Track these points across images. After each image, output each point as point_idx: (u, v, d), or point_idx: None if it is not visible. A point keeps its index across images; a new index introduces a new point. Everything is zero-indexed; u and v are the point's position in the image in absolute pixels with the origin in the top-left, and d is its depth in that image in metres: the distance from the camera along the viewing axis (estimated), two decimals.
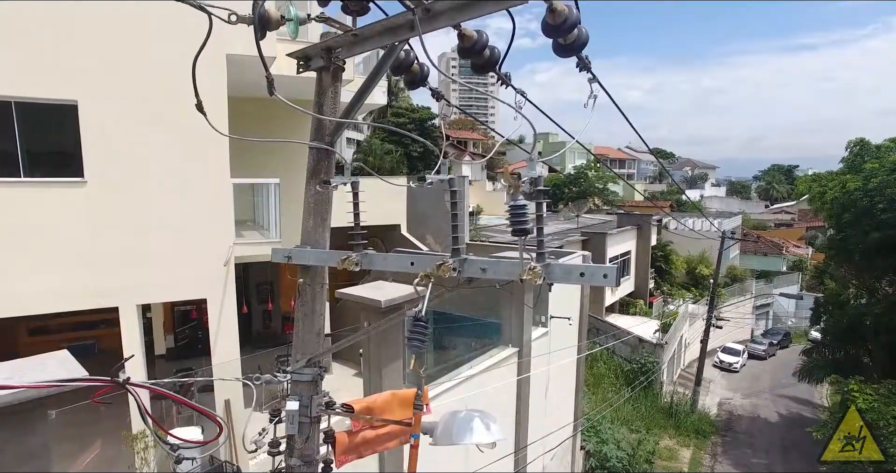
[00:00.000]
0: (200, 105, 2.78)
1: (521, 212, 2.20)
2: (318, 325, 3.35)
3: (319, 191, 3.22)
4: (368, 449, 3.90)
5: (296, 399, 3.26)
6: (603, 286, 2.50)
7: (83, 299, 7.74)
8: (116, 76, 7.62)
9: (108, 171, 7.69)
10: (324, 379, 3.43)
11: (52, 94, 7.29)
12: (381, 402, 3.93)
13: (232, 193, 8.52)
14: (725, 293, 34.80)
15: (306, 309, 3.31)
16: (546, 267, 2.28)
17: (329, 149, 3.05)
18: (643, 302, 32.34)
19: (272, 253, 3.29)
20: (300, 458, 3.31)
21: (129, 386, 3.08)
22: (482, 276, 2.54)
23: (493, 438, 2.46)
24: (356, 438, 3.78)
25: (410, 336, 2.47)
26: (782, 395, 27.30)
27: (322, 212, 3.29)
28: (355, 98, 3.13)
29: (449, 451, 6.87)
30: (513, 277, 2.40)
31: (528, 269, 2.25)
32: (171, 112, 8.08)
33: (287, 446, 3.32)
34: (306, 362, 3.27)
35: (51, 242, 7.47)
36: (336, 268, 3.00)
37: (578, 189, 50.85)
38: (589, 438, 14.32)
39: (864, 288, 19.05)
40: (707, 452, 20.49)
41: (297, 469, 3.34)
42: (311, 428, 3.32)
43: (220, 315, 8.55)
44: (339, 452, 3.66)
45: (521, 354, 9.04)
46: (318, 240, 3.25)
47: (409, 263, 2.73)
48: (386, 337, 5.99)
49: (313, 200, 3.26)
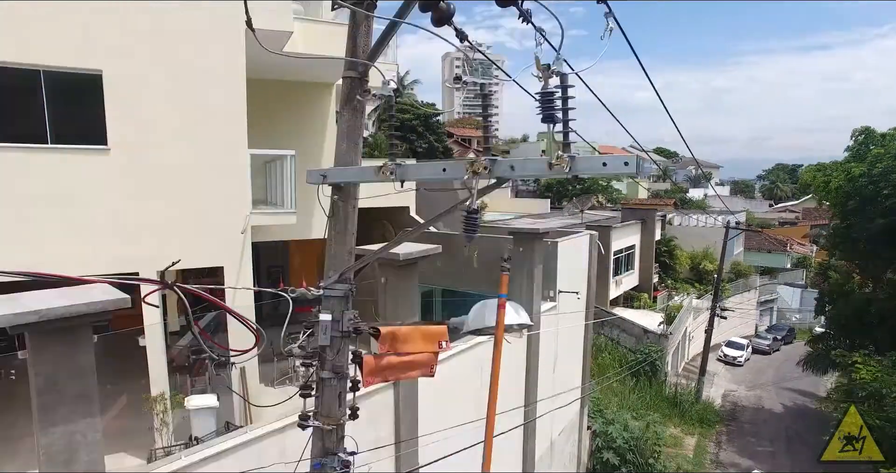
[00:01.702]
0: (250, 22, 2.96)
1: (550, 98, 2.39)
2: (350, 244, 3.55)
3: (353, 117, 3.43)
4: (392, 375, 4.08)
5: (328, 312, 3.46)
6: (625, 174, 2.65)
7: (105, 265, 7.96)
8: (140, 47, 7.85)
9: (130, 140, 7.92)
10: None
11: (77, 64, 7.52)
12: (405, 332, 4.11)
13: (249, 164, 8.73)
14: (730, 288, 34.87)
15: (339, 228, 3.50)
16: (572, 159, 2.47)
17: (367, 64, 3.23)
18: (647, 295, 32.43)
19: (307, 175, 3.48)
20: (332, 370, 3.50)
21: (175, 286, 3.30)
22: (510, 175, 2.73)
23: (521, 320, 2.65)
24: (382, 362, 3.96)
25: (466, 227, 2.71)
26: (787, 388, 27.35)
27: (354, 137, 3.50)
28: (398, 13, 3.28)
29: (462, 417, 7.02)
30: (541, 172, 2.59)
31: (557, 157, 2.43)
32: (191, 84, 8.33)
33: (319, 358, 3.51)
34: (338, 277, 3.46)
35: (75, 209, 7.70)
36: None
37: (582, 186, 51.02)
38: (595, 418, 14.46)
39: (868, 276, 19.13)
40: (712, 440, 20.59)
41: (329, 381, 3.54)
42: (342, 342, 3.51)
43: (237, 283, 8.76)
44: (367, 373, 3.85)
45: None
46: (350, 162, 3.45)
47: (441, 170, 2.92)
48: (402, 292, 6.18)
49: (346, 126, 3.47)
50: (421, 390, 6.68)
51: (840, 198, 18.13)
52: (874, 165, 16.02)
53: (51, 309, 3.38)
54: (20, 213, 7.37)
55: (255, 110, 10.37)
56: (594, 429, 14.11)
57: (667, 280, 35.96)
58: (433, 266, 11.86)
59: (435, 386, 6.78)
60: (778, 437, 21.41)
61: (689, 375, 27.15)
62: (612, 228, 29.55)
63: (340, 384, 3.57)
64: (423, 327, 4.24)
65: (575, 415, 12.80)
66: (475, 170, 2.66)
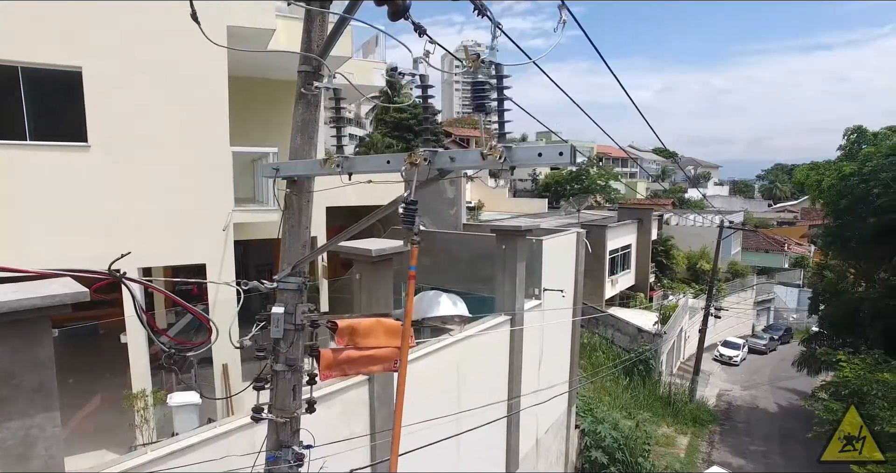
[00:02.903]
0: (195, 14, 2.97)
1: (480, 88, 2.39)
2: (304, 237, 3.55)
3: (306, 110, 3.44)
4: (352, 369, 4.08)
5: (281, 305, 3.46)
6: (560, 165, 2.63)
7: (82, 262, 7.95)
8: (120, 44, 7.85)
9: (110, 137, 7.92)
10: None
11: (57, 60, 7.53)
12: (366, 325, 4.10)
13: (231, 161, 8.74)
14: (726, 287, 34.84)
15: (293, 221, 3.51)
16: (507, 148, 2.47)
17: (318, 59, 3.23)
18: (643, 295, 32.41)
19: (261, 170, 3.50)
20: (285, 363, 3.50)
21: (125, 279, 3.29)
22: (451, 167, 2.74)
23: (459, 311, 2.65)
24: (340, 355, 3.96)
25: (404, 217, 2.72)
26: (782, 387, 27.33)
27: (309, 131, 3.50)
28: (346, 9, 3.29)
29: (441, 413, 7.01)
30: (477, 163, 2.60)
31: (489, 147, 2.44)
32: (173, 81, 8.34)
33: (273, 351, 3.51)
34: (291, 270, 3.47)
35: (55, 206, 7.70)
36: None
37: (580, 186, 50.99)
38: (584, 417, 14.45)
39: (861, 275, 19.11)
40: (704, 439, 20.58)
41: (283, 374, 3.54)
42: (295, 335, 3.51)
43: (219, 280, 8.76)
44: (323, 366, 3.86)
45: (514, 321, 9.21)
46: (305, 157, 3.46)
47: (385, 162, 2.94)
48: (378, 285, 6.19)
49: (301, 120, 3.47)
50: (396, 385, 6.68)
51: (832, 197, 18.12)
52: (865, 164, 16.00)
53: (4, 303, 3.38)
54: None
55: (241, 108, 10.40)
56: (582, 428, 14.09)
57: (663, 279, 35.95)
58: (420, 265, 11.86)
59: (411, 381, 6.79)
60: (771, 436, 21.39)
61: (685, 374, 27.12)
62: (607, 228, 29.55)
63: (294, 377, 3.58)
64: (387, 321, 4.24)
65: (562, 414, 12.79)
66: (412, 161, 2.67)
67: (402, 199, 2.73)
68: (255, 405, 3.54)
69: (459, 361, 7.92)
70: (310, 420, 3.75)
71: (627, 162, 77.68)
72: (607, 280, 29.23)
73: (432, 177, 2.85)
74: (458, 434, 6.32)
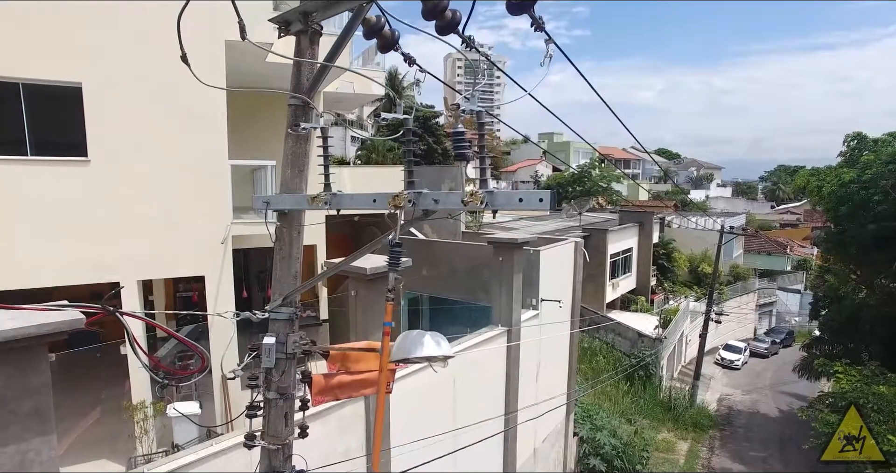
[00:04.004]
0: (185, 57, 3.03)
1: (461, 137, 2.45)
2: (295, 268, 3.62)
3: (297, 144, 3.50)
4: (344, 393, 4.15)
5: (273, 335, 3.53)
6: (540, 210, 2.69)
7: (86, 274, 8.06)
8: (120, 59, 7.94)
9: (110, 152, 8.02)
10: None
11: (57, 76, 7.62)
12: (357, 352, 4.18)
13: (230, 175, 8.83)
14: (728, 291, 34.78)
15: (284, 253, 3.57)
16: (489, 194, 2.53)
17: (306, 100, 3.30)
18: (645, 298, 32.38)
19: (253, 201, 3.56)
20: (277, 391, 3.57)
21: (118, 313, 3.36)
22: (435, 208, 2.79)
23: (443, 352, 2.70)
24: (332, 381, 4.03)
25: (390, 259, 2.77)
26: (783, 392, 27.28)
27: (300, 164, 3.56)
28: (328, 55, 3.39)
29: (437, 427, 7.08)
30: (458, 206, 2.66)
31: (470, 194, 2.49)
32: (171, 96, 8.41)
33: (264, 380, 3.58)
34: (282, 301, 3.54)
35: (57, 222, 7.80)
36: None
37: (582, 188, 50.92)
38: (582, 424, 14.49)
39: (861, 282, 19.08)
40: (704, 445, 20.56)
41: (275, 402, 3.60)
42: (287, 364, 3.58)
43: (218, 292, 8.85)
44: (315, 392, 3.92)
45: (511, 334, 9.26)
46: (295, 189, 3.52)
47: (371, 200, 3.00)
48: (373, 304, 6.24)
49: (291, 153, 3.53)
50: (393, 401, 6.74)
51: (833, 203, 18.09)
52: (865, 171, 15.99)
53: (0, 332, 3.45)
54: (2, 223, 7.48)
55: (241, 116, 10.48)
56: (581, 436, 14.13)
57: (665, 283, 35.90)
58: (419, 274, 11.94)
59: (407, 397, 6.86)
60: (772, 442, 21.36)
61: (685, 379, 27.10)
62: (608, 231, 29.53)
63: (286, 404, 3.64)
64: (377, 344, 4.31)
65: (560, 422, 12.83)
66: (397, 204, 2.73)
67: (388, 242, 2.77)
68: (248, 432, 3.61)
69: (456, 375, 7.99)
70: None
71: (630, 162, 77.60)
72: (608, 283, 29.22)
73: (418, 217, 2.91)
74: (454, 451, 6.38)
